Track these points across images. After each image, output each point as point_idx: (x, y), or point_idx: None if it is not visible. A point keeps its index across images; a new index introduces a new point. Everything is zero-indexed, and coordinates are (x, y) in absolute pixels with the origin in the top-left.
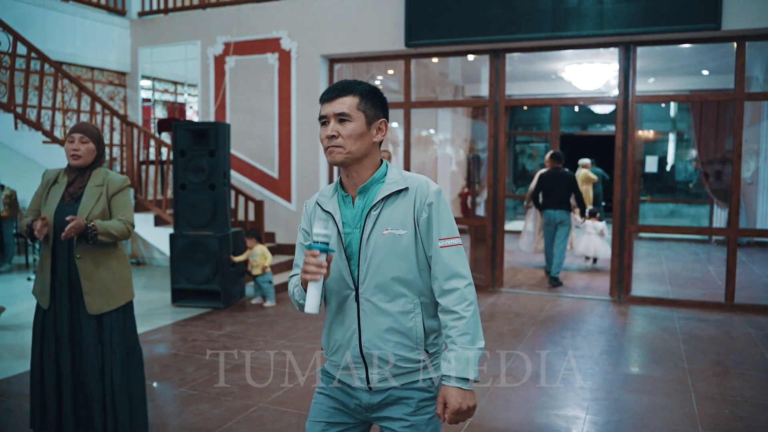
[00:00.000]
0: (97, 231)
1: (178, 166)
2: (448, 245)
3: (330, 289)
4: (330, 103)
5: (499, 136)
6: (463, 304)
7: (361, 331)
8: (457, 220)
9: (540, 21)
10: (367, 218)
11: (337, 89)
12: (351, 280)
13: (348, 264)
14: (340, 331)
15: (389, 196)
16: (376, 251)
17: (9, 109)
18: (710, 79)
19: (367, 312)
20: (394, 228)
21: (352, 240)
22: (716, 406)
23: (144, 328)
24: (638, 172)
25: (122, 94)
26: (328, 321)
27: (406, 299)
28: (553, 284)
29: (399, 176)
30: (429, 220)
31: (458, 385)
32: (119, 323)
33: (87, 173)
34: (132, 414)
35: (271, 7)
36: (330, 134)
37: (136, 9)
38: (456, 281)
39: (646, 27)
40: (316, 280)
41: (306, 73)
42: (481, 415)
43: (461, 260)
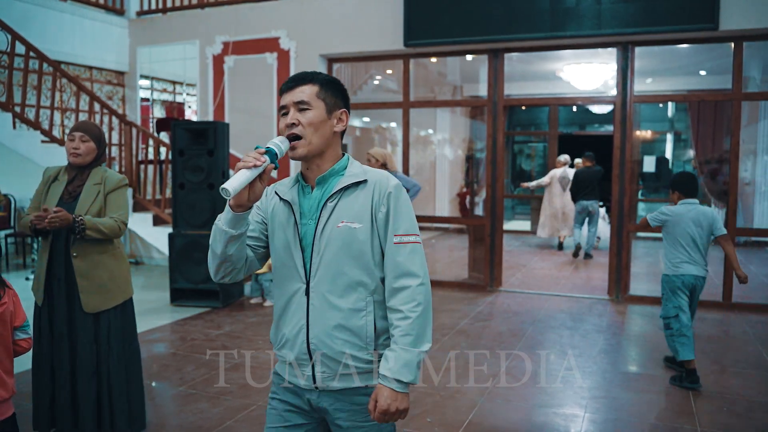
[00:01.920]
0: (84, 225)
1: (177, 166)
2: (403, 242)
3: (280, 281)
4: (290, 93)
5: (498, 135)
6: (410, 304)
7: (309, 326)
8: (456, 220)
9: (538, 21)
10: (323, 209)
11: (296, 79)
12: (303, 272)
13: (302, 255)
14: (288, 325)
15: (347, 187)
16: (330, 243)
17: (7, 108)
18: (708, 79)
19: (317, 306)
20: (350, 220)
21: (307, 231)
22: (714, 404)
23: (143, 328)
24: (636, 171)
25: (121, 93)
26: (276, 314)
27: (358, 296)
28: (586, 257)
29: (359, 170)
30: (387, 214)
31: (391, 386)
32: (118, 321)
33: (86, 172)
34: (130, 413)
35: (269, 7)
36: (290, 122)
37: (134, 8)
38: (407, 280)
39: (644, 27)
40: (248, 167)
41: None
42: (481, 414)
43: (416, 259)
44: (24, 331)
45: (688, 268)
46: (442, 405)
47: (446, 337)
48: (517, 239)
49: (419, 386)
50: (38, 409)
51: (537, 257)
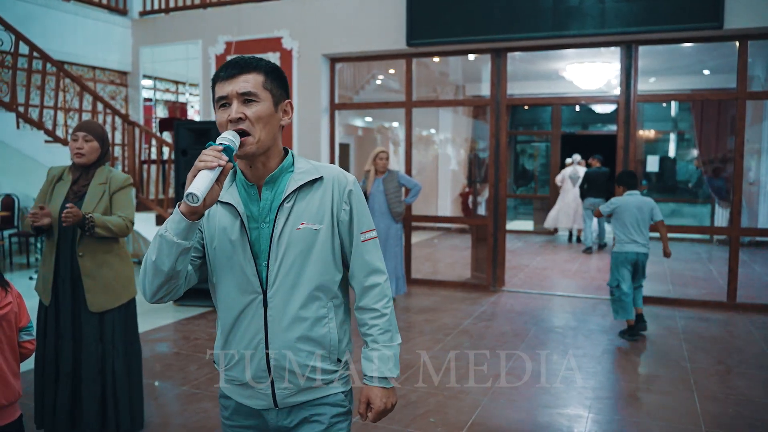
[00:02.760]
0: (94, 223)
1: (180, 166)
2: (368, 238)
3: (226, 294)
4: (230, 81)
5: (501, 135)
6: (383, 301)
7: (268, 340)
8: (458, 220)
9: (541, 20)
10: (279, 211)
11: (239, 65)
12: (258, 281)
13: (254, 264)
14: (241, 341)
15: (302, 186)
16: (289, 248)
17: (11, 108)
18: (712, 78)
19: (276, 318)
20: (310, 222)
21: (259, 236)
22: (719, 404)
23: (145, 327)
24: (640, 171)
25: (124, 93)
26: (223, 331)
27: (320, 303)
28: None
29: (309, 165)
30: (351, 213)
31: (382, 385)
32: (121, 321)
33: (91, 171)
34: (131, 412)
35: (272, 7)
36: (236, 116)
37: (137, 8)
38: (376, 277)
39: (648, 26)
40: (210, 167)
41: (307, 73)
42: (484, 414)
43: (379, 254)
44: (28, 332)
45: (631, 247)
46: (445, 405)
47: (449, 337)
48: (520, 239)
49: (422, 386)
50: (42, 409)
51: (540, 257)
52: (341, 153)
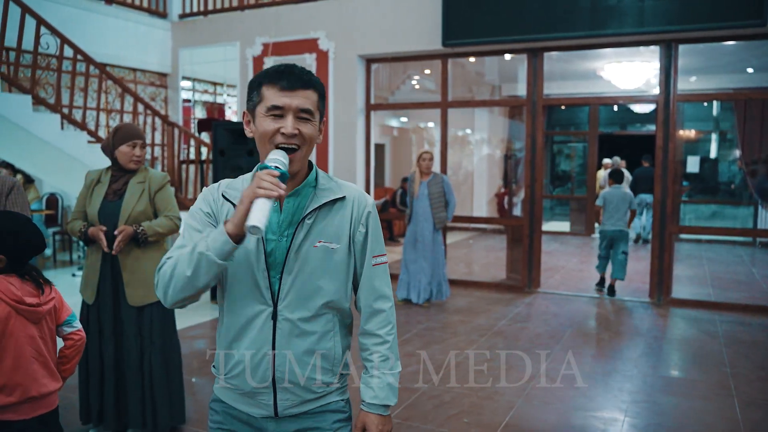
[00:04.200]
0: (146, 234)
1: (218, 166)
2: (379, 263)
3: (234, 301)
4: (291, 94)
5: (537, 135)
6: (386, 328)
7: (275, 352)
8: (494, 221)
9: (579, 19)
10: (298, 227)
11: (301, 79)
12: (269, 293)
13: (268, 276)
14: (246, 351)
15: (324, 205)
16: (305, 264)
17: (56, 109)
18: (755, 77)
19: (284, 332)
20: (328, 240)
21: (275, 249)
22: (760, 411)
23: (183, 324)
24: (679, 172)
25: (163, 94)
26: (226, 338)
27: (327, 318)
28: (644, 243)
29: (332, 182)
30: (366, 235)
31: (379, 413)
32: (159, 316)
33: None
34: (171, 406)
35: (308, 8)
36: (293, 132)
37: (176, 11)
38: (382, 302)
39: (688, 24)
40: (270, 197)
41: (343, 74)
42: (518, 416)
43: (387, 279)
44: (69, 324)
45: (608, 226)
46: (479, 406)
47: (483, 339)
48: (556, 240)
49: (456, 387)
50: (88, 405)
51: (576, 258)
52: (377, 153)
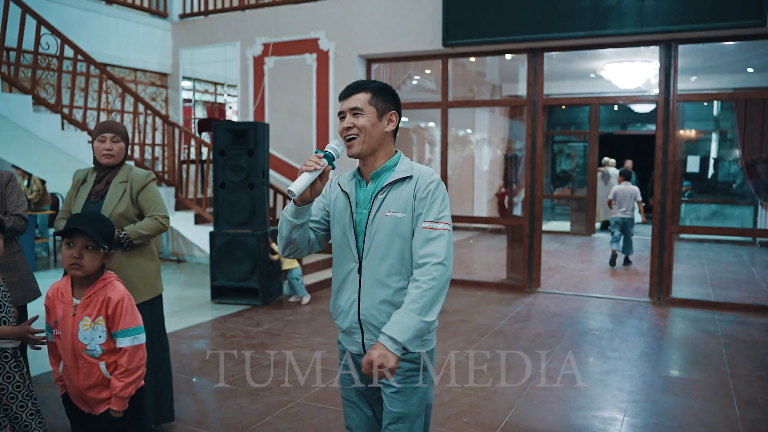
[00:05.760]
0: (130, 238)
1: (218, 166)
2: (430, 227)
3: (338, 260)
4: (346, 100)
5: (537, 135)
6: (426, 277)
7: (360, 299)
8: (494, 220)
9: (579, 19)
10: (374, 200)
11: (351, 88)
12: (356, 253)
13: (356, 240)
14: (343, 298)
15: (395, 182)
16: (378, 230)
17: (56, 110)
18: (755, 76)
19: (366, 283)
20: (396, 211)
21: (361, 219)
22: (759, 411)
23: (184, 325)
24: (679, 171)
25: (164, 94)
26: (334, 289)
27: (400, 276)
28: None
29: (407, 166)
30: (423, 201)
31: (385, 343)
32: (147, 316)
33: (113, 171)
34: (158, 405)
35: (309, 8)
36: (347, 126)
37: (177, 11)
38: (429, 257)
39: (688, 24)
40: (309, 170)
41: (344, 73)
42: (517, 416)
43: (442, 244)
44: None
45: (617, 214)
46: (479, 405)
47: (483, 338)
48: (557, 240)
49: (455, 386)
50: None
51: (576, 258)
52: None
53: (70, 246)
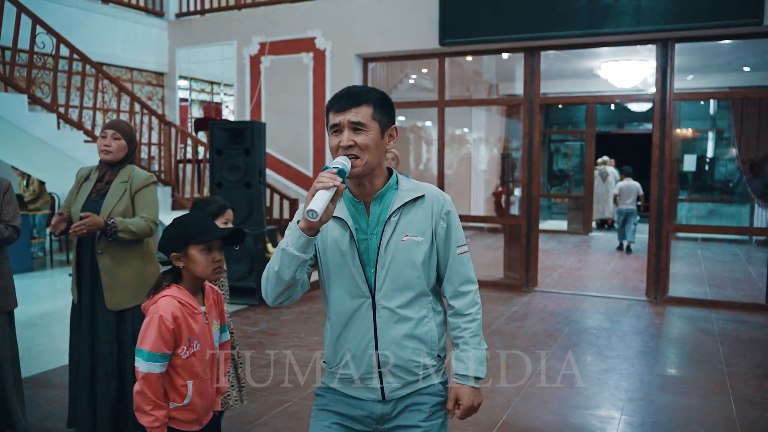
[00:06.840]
0: (117, 228)
1: (215, 165)
2: (463, 252)
3: (336, 299)
4: (344, 113)
5: (534, 134)
6: (475, 308)
7: (377, 339)
8: (491, 219)
9: (576, 18)
10: (386, 224)
11: (350, 99)
12: (366, 286)
13: (363, 271)
14: (352, 341)
15: (407, 203)
16: (396, 257)
17: (52, 109)
18: (752, 75)
19: (384, 319)
20: (413, 234)
21: (368, 246)
22: (756, 409)
23: None
24: (676, 170)
25: (160, 94)
26: (333, 333)
27: (421, 305)
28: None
29: (411, 183)
30: (448, 229)
31: (471, 384)
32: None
33: (115, 170)
34: None
35: (305, 7)
36: (347, 144)
37: (173, 10)
38: (469, 285)
39: (685, 23)
40: (327, 188)
41: (340, 73)
42: (515, 414)
43: (470, 266)
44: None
45: (623, 207)
46: None
47: None
48: (554, 239)
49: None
50: (74, 406)
51: (573, 257)
52: None
53: (210, 251)
